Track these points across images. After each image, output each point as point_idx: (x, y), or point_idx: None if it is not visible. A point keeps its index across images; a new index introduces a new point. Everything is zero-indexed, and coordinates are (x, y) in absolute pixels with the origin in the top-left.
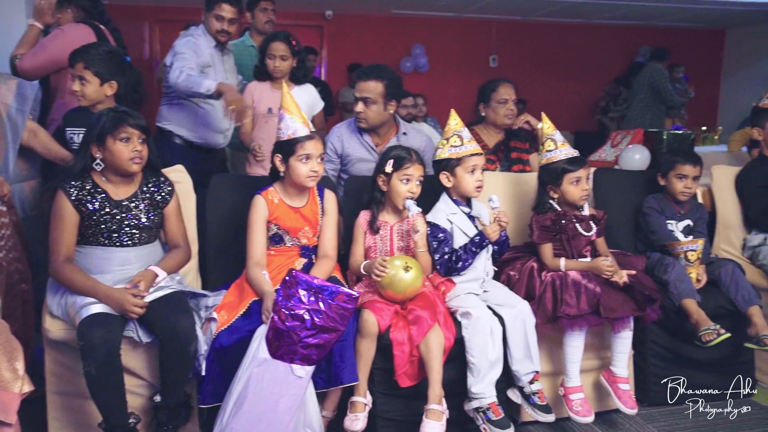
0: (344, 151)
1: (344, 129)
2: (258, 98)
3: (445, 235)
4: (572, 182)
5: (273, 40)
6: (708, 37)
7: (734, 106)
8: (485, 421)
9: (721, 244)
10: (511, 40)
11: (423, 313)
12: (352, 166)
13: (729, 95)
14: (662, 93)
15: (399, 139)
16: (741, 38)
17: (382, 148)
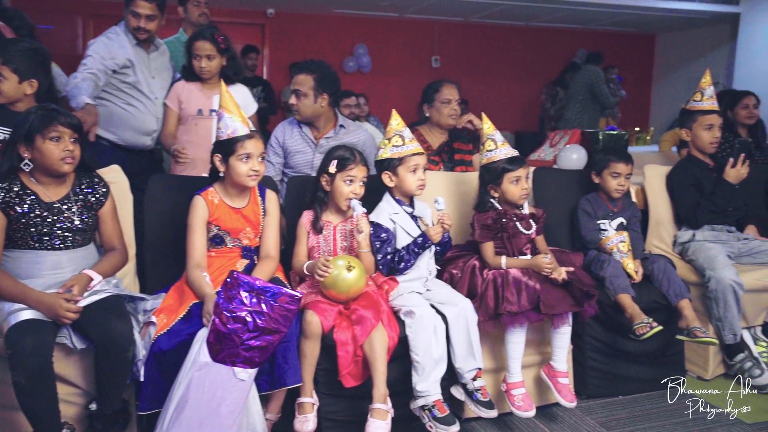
0: (285, 143)
1: (287, 123)
2: (186, 99)
3: (388, 235)
4: (512, 181)
5: (197, 38)
6: (640, 42)
7: (665, 108)
8: (431, 418)
9: (653, 241)
10: (452, 41)
11: (366, 313)
12: (291, 158)
13: (660, 97)
14: (598, 95)
15: (337, 131)
16: (670, 43)
17: (321, 140)
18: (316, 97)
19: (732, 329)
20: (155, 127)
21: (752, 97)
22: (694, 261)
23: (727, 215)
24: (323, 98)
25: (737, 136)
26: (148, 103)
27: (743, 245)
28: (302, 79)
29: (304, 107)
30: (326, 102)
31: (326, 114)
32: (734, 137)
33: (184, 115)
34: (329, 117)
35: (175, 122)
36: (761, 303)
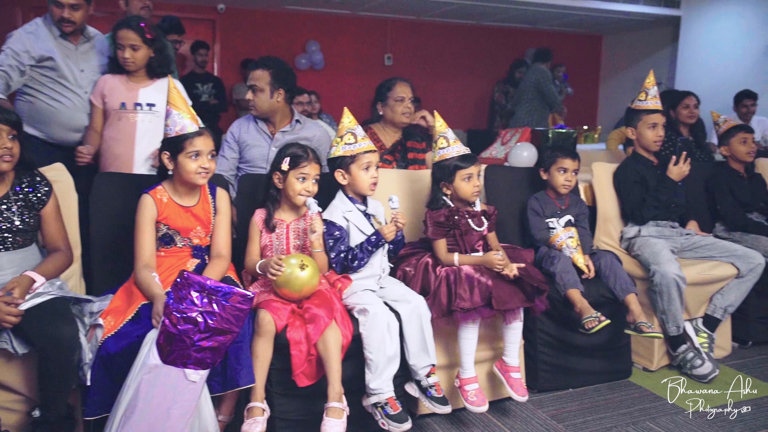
0: (240, 138)
1: (243, 119)
2: (110, 93)
3: (341, 233)
4: (464, 179)
5: (120, 27)
6: (587, 43)
7: (612, 107)
8: (383, 416)
9: (601, 237)
10: (405, 39)
11: (319, 312)
12: (247, 152)
13: (607, 97)
14: (545, 94)
15: (293, 126)
16: (616, 44)
17: (277, 134)
18: (272, 92)
19: (675, 321)
20: (86, 122)
21: (693, 98)
22: (639, 256)
23: (671, 211)
24: (279, 93)
25: (679, 135)
26: (76, 98)
27: (685, 240)
28: (259, 75)
29: (261, 102)
30: (282, 97)
31: (282, 110)
32: (676, 136)
33: (108, 110)
34: (285, 113)
35: (99, 118)
36: (702, 296)
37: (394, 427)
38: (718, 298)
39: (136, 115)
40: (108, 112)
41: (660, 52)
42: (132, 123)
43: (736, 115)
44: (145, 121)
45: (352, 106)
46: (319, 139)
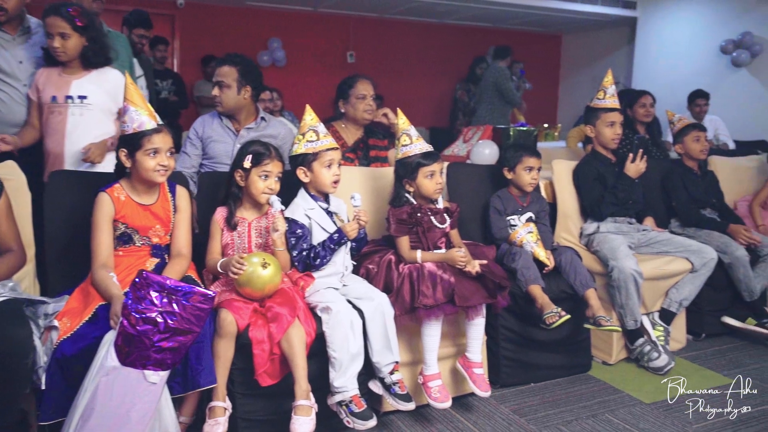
0: (204, 134)
1: (207, 116)
2: (43, 85)
3: (303, 231)
4: (427, 176)
5: (48, 14)
6: (547, 42)
7: (571, 105)
8: (348, 414)
9: (561, 233)
10: (368, 37)
11: (282, 310)
12: (211, 147)
13: (566, 95)
14: (504, 92)
15: (259, 123)
16: (575, 44)
17: (242, 131)
18: (239, 89)
19: (633, 315)
20: (23, 118)
21: (649, 97)
22: (598, 252)
23: (628, 208)
24: (246, 90)
25: (636, 133)
26: (14, 92)
27: (642, 236)
28: (226, 71)
29: (228, 99)
30: (249, 95)
31: (248, 107)
32: (633, 134)
33: (42, 104)
34: (251, 110)
35: (35, 113)
36: (659, 290)
37: (359, 425)
38: (674, 292)
39: (67, 108)
40: (42, 106)
41: (617, 52)
42: (62, 117)
43: (690, 114)
44: (75, 114)
45: (314, 104)
46: (284, 137)
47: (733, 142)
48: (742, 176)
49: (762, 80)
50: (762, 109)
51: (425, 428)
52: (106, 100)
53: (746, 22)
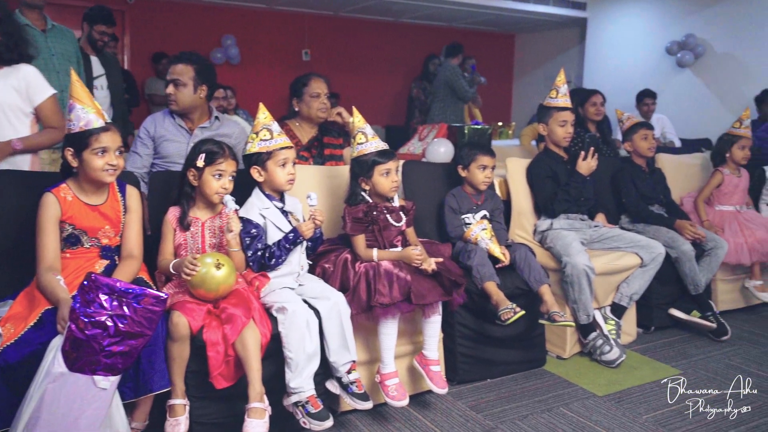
0: (156, 133)
1: (158, 114)
2: None
3: (258, 231)
4: (382, 174)
5: None
6: (501, 41)
7: (525, 104)
8: (305, 414)
9: (515, 230)
10: (323, 35)
11: (237, 311)
12: (163, 147)
13: (520, 94)
14: (456, 89)
15: (213, 122)
16: (528, 43)
17: (196, 130)
18: (195, 87)
19: (586, 310)
20: None
21: (599, 96)
22: (552, 248)
23: (580, 205)
24: (202, 90)
25: (587, 131)
26: None
27: (594, 232)
28: (182, 69)
29: (183, 97)
30: (205, 94)
31: (202, 106)
32: (584, 132)
33: None
34: (204, 109)
35: None
36: (610, 285)
37: (316, 426)
38: (624, 287)
39: None
40: None
41: (569, 52)
42: None
43: (638, 112)
44: None
45: (269, 102)
46: (238, 137)
47: (679, 140)
48: (687, 173)
49: (705, 80)
50: (705, 108)
51: (383, 427)
52: (15, 97)
53: (689, 24)
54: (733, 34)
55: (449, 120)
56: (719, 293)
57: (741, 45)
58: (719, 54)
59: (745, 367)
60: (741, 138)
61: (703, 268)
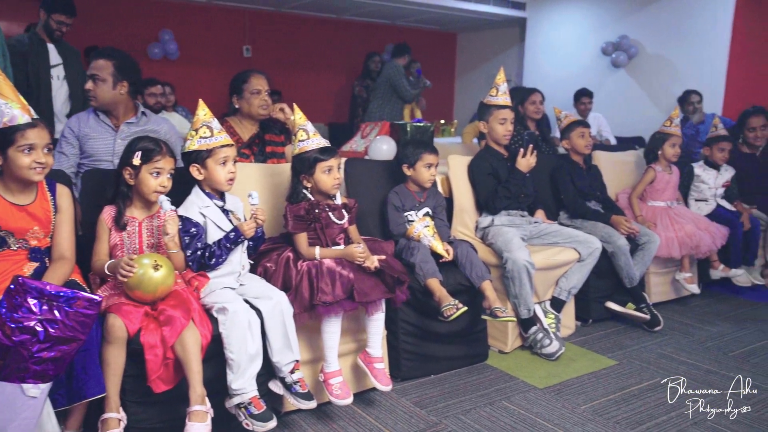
0: (81, 131)
1: (82, 113)
2: None
3: (198, 230)
4: (324, 171)
5: None
6: (443, 40)
7: (467, 102)
8: (247, 416)
9: (457, 227)
10: (264, 31)
11: (175, 313)
12: (89, 145)
13: (462, 92)
14: (397, 88)
15: (140, 118)
16: (470, 42)
17: (122, 126)
18: (115, 83)
19: (526, 305)
20: None
21: (539, 94)
22: (493, 244)
23: (520, 201)
24: (123, 86)
25: (526, 129)
26: None
27: (534, 228)
28: (101, 65)
29: (102, 93)
30: (125, 90)
31: (125, 102)
32: (524, 130)
33: None
34: (129, 106)
35: None
36: (549, 279)
37: (259, 427)
38: (563, 281)
39: None
40: None
41: (509, 51)
42: None
43: (576, 111)
44: None
45: (209, 99)
46: (166, 134)
47: (614, 138)
48: (622, 170)
49: (638, 80)
50: (639, 107)
51: (327, 426)
52: None
53: (624, 25)
54: (663, 36)
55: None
56: (652, 286)
57: (671, 47)
58: (651, 55)
59: (675, 356)
60: (672, 136)
61: (637, 261)
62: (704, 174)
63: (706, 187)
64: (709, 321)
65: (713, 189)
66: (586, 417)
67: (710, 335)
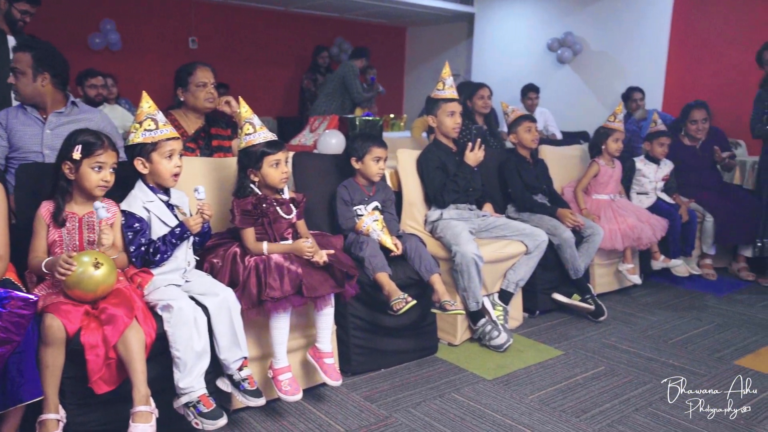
0: (9, 124)
1: (12, 107)
2: None
3: (142, 225)
4: (272, 165)
5: None
6: (393, 34)
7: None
8: (196, 415)
9: (407, 221)
10: (211, 23)
11: (118, 311)
12: (18, 137)
13: (412, 86)
14: (350, 88)
15: (69, 108)
16: (419, 37)
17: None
18: (35, 76)
19: (475, 297)
20: None
21: (486, 89)
22: (442, 238)
23: (468, 195)
24: (44, 78)
25: (474, 123)
26: None
27: (482, 221)
28: (19, 57)
29: (23, 86)
30: (48, 82)
31: (52, 94)
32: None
33: None
34: (57, 98)
35: None
36: (497, 272)
37: (209, 425)
38: (511, 274)
39: None
40: None
41: (458, 46)
42: None
43: (523, 106)
44: None
45: (154, 92)
46: (98, 125)
47: (560, 133)
48: (567, 164)
49: (582, 76)
50: (583, 102)
51: (277, 423)
52: None
53: (569, 22)
54: (606, 33)
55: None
56: (596, 277)
57: (613, 44)
58: (595, 52)
59: (619, 345)
60: (615, 131)
61: (582, 253)
62: (645, 168)
63: (647, 181)
64: (650, 310)
65: (653, 182)
66: (533, 407)
67: (651, 324)
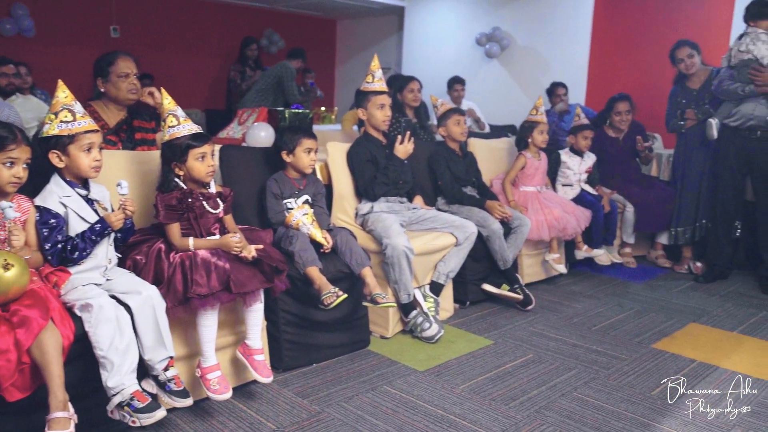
0: None
1: None
2: None
3: (58, 221)
4: (197, 158)
5: None
6: (323, 26)
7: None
8: (132, 413)
9: (338, 214)
10: (133, 11)
11: (31, 313)
12: None
13: (343, 79)
14: (286, 90)
15: None
16: (349, 30)
17: None
18: None
19: (406, 290)
20: None
21: (416, 82)
22: (373, 231)
23: (399, 188)
24: None
25: (404, 116)
26: None
27: (412, 214)
28: None
29: None
30: None
31: None
32: (402, 117)
33: None
34: None
35: None
36: (428, 264)
37: (146, 419)
38: (441, 265)
39: None
40: None
41: (389, 39)
42: None
43: (450, 98)
44: None
45: (72, 82)
46: (7, 118)
47: (488, 126)
48: (496, 157)
49: (510, 71)
50: (511, 96)
51: (206, 423)
52: None
53: (497, 17)
54: (532, 29)
55: None
56: (524, 267)
57: (539, 39)
58: (521, 47)
59: (546, 333)
60: (539, 123)
61: (510, 244)
62: (570, 160)
63: (571, 173)
64: (575, 299)
65: (578, 174)
66: (464, 396)
67: (576, 312)
